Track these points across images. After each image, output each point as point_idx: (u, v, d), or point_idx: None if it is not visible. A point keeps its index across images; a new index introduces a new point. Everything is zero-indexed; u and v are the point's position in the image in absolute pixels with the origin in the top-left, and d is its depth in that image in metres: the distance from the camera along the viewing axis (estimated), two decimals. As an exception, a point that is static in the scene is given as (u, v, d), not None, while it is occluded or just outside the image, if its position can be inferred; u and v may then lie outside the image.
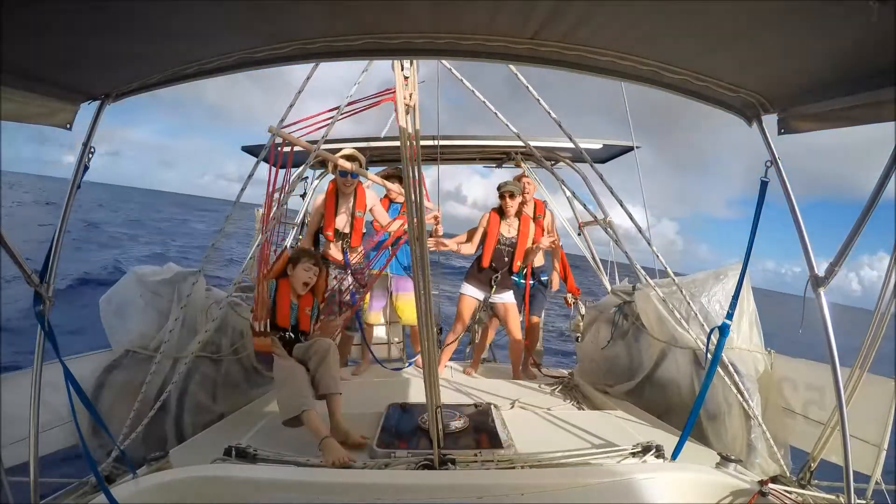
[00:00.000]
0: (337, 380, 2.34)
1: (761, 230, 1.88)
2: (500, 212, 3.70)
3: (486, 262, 3.63)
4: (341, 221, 3.38)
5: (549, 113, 2.90)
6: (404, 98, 1.61)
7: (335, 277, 3.22)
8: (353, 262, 3.38)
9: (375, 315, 3.98)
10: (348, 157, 3.28)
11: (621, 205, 3.15)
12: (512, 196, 3.60)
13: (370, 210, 3.50)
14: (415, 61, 1.62)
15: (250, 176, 2.88)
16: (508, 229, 3.69)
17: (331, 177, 3.66)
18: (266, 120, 2.80)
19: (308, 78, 2.91)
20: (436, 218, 3.57)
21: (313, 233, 3.55)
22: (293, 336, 2.51)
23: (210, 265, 2.91)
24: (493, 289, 3.64)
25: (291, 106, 2.68)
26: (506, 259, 3.66)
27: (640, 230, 3.01)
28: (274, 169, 2.46)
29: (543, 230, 3.93)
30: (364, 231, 3.59)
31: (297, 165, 3.70)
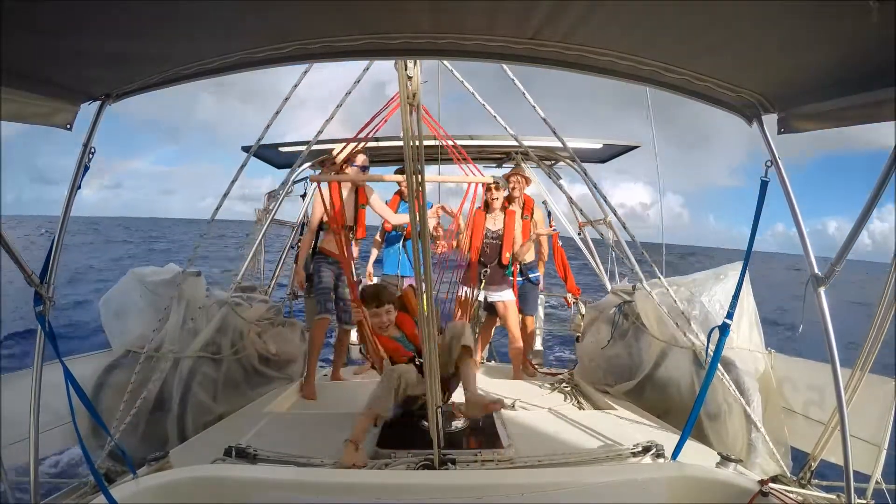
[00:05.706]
0: None
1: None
2: (486, 207, 3.73)
3: (473, 257, 3.65)
4: (347, 214, 3.40)
5: (544, 120, 2.90)
6: (407, 98, 1.60)
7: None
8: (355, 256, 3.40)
9: None
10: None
11: (614, 213, 3.23)
12: (497, 188, 3.64)
13: (370, 203, 3.52)
14: (418, 61, 1.62)
15: (242, 166, 2.87)
16: (494, 223, 3.71)
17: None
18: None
19: (295, 85, 2.91)
20: (439, 211, 3.61)
21: (315, 228, 3.55)
22: None
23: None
24: (483, 283, 3.64)
25: (278, 112, 2.70)
26: (492, 253, 3.67)
27: (632, 237, 3.15)
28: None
29: (530, 230, 3.93)
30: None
31: (290, 165, 3.71)
